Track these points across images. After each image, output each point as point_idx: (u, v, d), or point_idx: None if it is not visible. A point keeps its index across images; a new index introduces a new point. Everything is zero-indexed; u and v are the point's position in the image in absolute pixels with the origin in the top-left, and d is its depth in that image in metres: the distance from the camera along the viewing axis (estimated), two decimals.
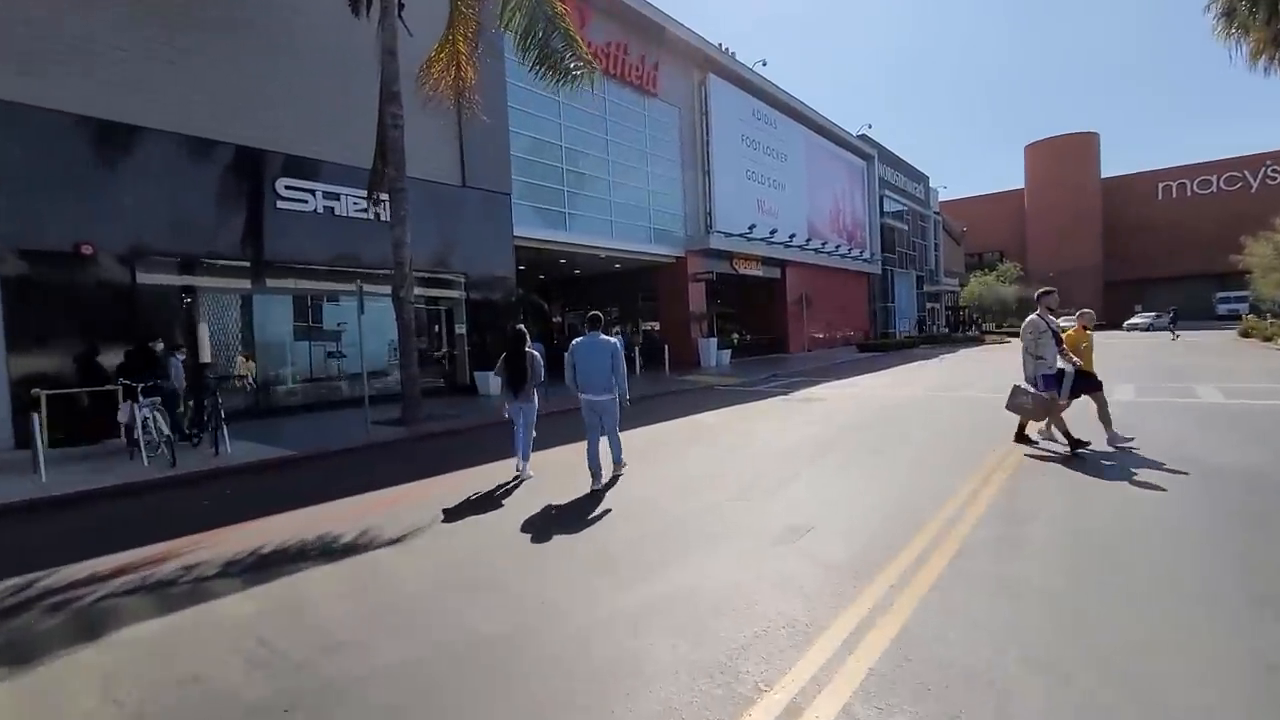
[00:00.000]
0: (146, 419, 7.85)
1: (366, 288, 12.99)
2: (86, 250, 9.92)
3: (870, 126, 38.28)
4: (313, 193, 12.78)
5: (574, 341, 6.57)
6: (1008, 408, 7.35)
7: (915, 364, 22.27)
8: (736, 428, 9.68)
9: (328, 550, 4.75)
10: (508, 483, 6.67)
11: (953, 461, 6.84)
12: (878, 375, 18.18)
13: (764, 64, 27.55)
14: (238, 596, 3.98)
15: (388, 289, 13.10)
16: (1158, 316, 46.90)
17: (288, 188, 12.40)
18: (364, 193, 12.73)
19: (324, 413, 12.58)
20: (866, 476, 6.34)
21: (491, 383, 15.07)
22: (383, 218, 13.86)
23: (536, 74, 12.45)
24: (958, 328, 51.25)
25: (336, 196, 13.07)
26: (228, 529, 5.38)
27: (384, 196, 11.84)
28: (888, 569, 3.95)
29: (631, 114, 21.52)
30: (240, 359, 12.65)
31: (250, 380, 12.41)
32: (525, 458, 6.96)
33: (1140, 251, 68.79)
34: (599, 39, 19.39)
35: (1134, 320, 48.58)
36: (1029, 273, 68.62)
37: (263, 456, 8.18)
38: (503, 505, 5.87)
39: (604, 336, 6.50)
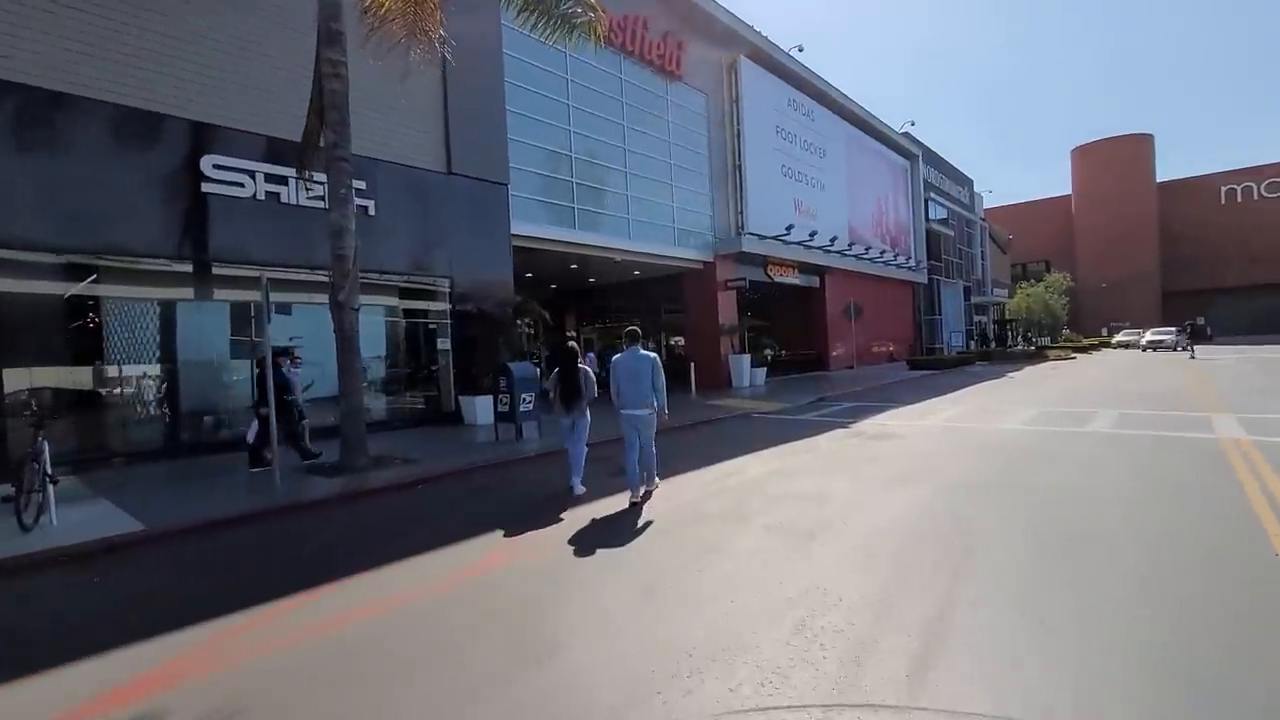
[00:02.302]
0: None
1: (317, 297, 10.46)
2: None
3: (913, 124, 35.17)
4: (251, 174, 10.21)
5: (614, 358, 6.64)
6: None
7: (987, 384, 18.95)
8: (797, 487, 6.69)
9: None
10: (433, 601, 3.80)
11: (1221, 586, 3.77)
12: (950, 399, 14.99)
13: (800, 49, 24.76)
14: None
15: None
16: (1179, 330, 37.21)
17: (217, 167, 9.85)
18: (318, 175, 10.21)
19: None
20: (1081, 627, 3.30)
21: (479, 410, 12.33)
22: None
23: (527, 25, 9.89)
24: (1004, 342, 47.17)
25: (283, 180, 10.48)
26: None
27: (318, 178, 9.12)
28: None
29: (652, 98, 18.82)
30: (155, 385, 10.10)
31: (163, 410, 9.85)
32: (576, 482, 6.79)
33: (1203, 260, 63.94)
34: (615, 10, 16.75)
35: (1154, 336, 39.12)
36: (1079, 283, 64.42)
37: (92, 536, 5.44)
38: (395, 669, 2.98)
39: (643, 351, 6.53)
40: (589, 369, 6.86)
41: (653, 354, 6.52)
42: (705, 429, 11.62)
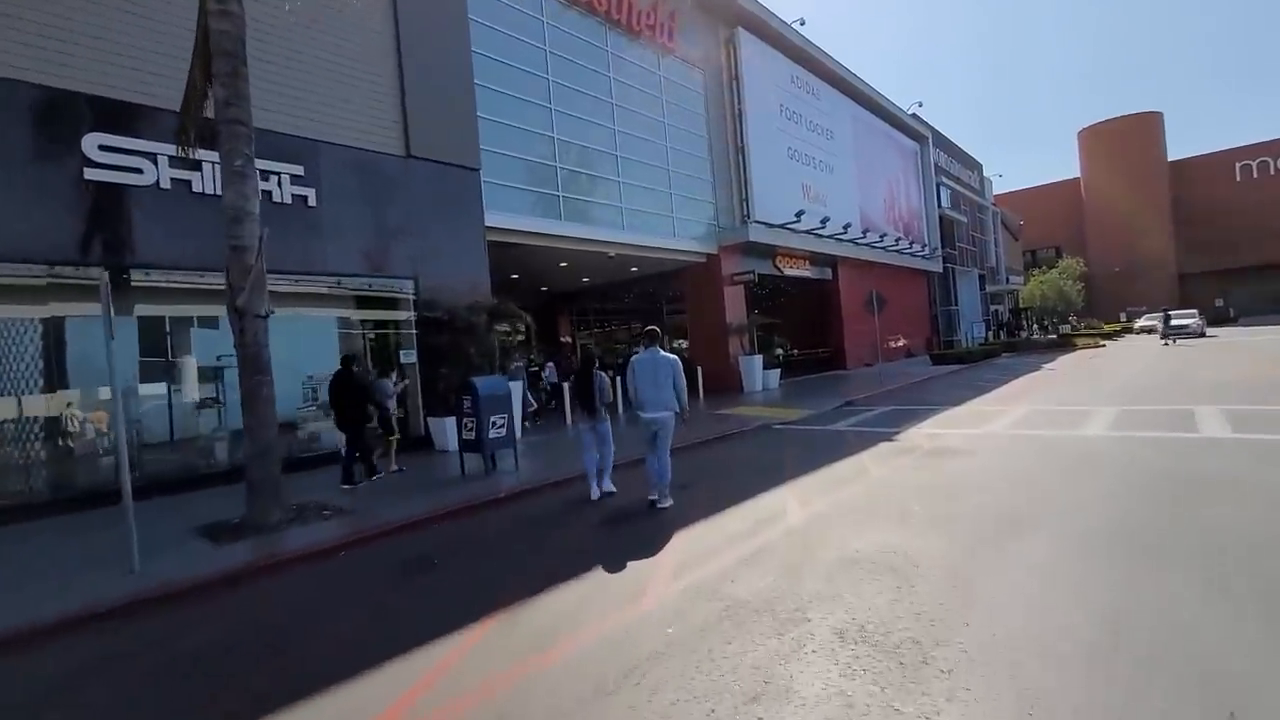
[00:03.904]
0: None
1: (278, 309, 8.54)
2: None
3: (921, 105, 33.16)
4: (151, 158, 8.31)
5: (632, 359, 6.42)
6: None
7: (1027, 379, 16.96)
8: (861, 543, 4.73)
9: None
10: None
11: None
12: (997, 398, 13.00)
13: (802, 23, 22.83)
14: None
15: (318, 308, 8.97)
16: (1164, 318, 30.18)
17: (104, 148, 7.96)
18: (255, 161, 8.38)
19: (164, 499, 7.95)
20: None
21: (450, 434, 10.34)
22: (280, 197, 9.41)
23: None
24: (1018, 331, 44.66)
25: (195, 164, 8.55)
26: None
27: (207, 156, 7.10)
28: None
29: (643, 74, 16.89)
30: (70, 413, 8.21)
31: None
32: (607, 473, 6.80)
33: (1219, 240, 61.64)
34: None
35: (1180, 321, 31.46)
36: (1091, 268, 62.25)
37: None
38: None
39: (662, 352, 6.28)
40: (604, 375, 6.77)
41: (672, 355, 6.30)
42: (720, 447, 9.67)
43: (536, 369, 19.73)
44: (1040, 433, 8.76)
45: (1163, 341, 28.70)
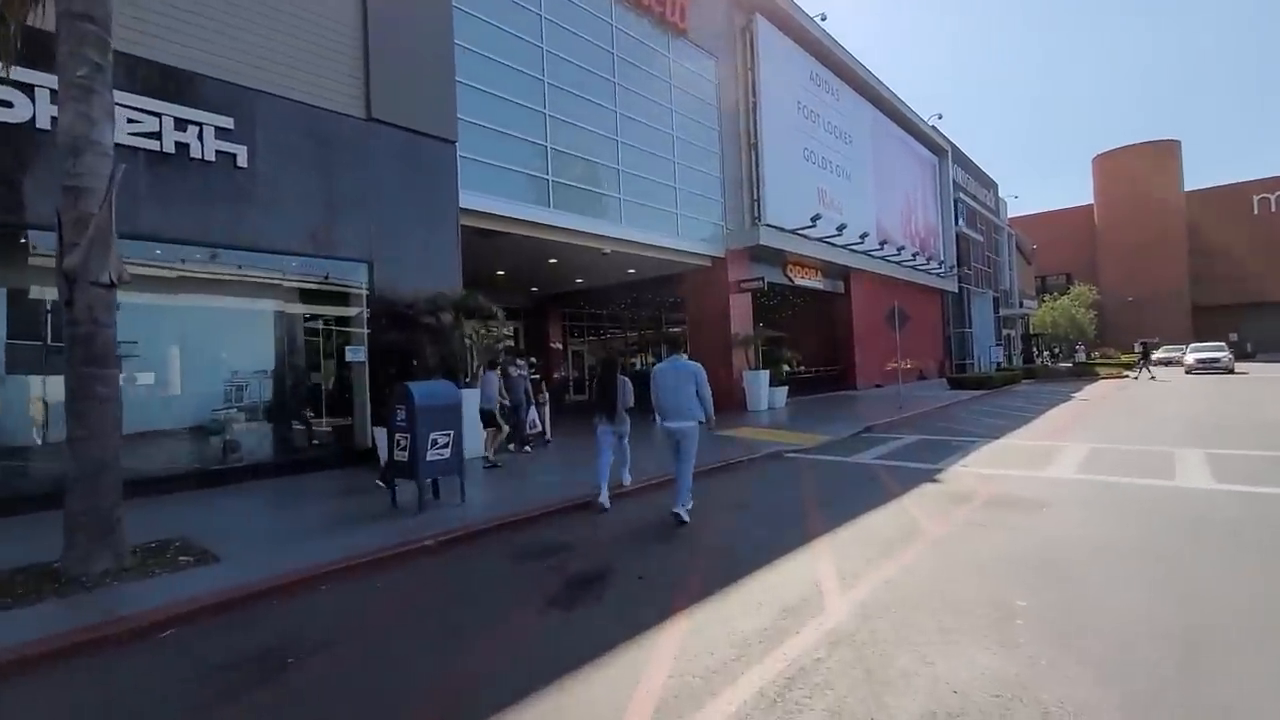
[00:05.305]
0: None
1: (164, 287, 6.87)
2: None
3: (940, 117, 31.67)
4: (27, 89, 6.64)
5: (655, 367, 6.32)
6: None
7: (1063, 409, 15.23)
8: (949, 677, 2.98)
9: None
10: None
11: None
12: (1039, 430, 11.26)
13: (823, 18, 21.37)
14: None
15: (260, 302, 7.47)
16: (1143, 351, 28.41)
17: None
18: (166, 105, 6.90)
19: (23, 518, 6.18)
20: None
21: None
22: (201, 153, 7.72)
23: None
24: (1030, 358, 42.56)
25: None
26: None
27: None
28: None
29: (651, 55, 15.31)
30: None
31: None
32: (625, 474, 6.81)
33: (1234, 273, 60.24)
34: None
35: (1202, 354, 29.64)
36: (1103, 297, 60.72)
37: None
38: None
39: (685, 360, 6.17)
40: (627, 380, 6.67)
41: (694, 363, 6.15)
42: (723, 479, 7.91)
43: (539, 377, 17.49)
44: (1125, 480, 7.01)
45: (1133, 375, 27.05)
